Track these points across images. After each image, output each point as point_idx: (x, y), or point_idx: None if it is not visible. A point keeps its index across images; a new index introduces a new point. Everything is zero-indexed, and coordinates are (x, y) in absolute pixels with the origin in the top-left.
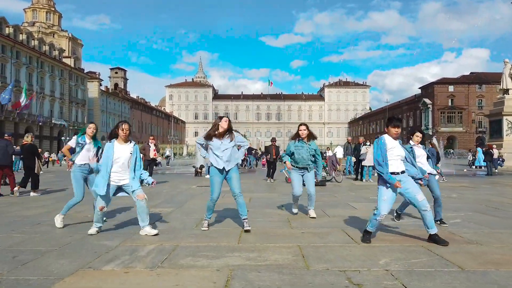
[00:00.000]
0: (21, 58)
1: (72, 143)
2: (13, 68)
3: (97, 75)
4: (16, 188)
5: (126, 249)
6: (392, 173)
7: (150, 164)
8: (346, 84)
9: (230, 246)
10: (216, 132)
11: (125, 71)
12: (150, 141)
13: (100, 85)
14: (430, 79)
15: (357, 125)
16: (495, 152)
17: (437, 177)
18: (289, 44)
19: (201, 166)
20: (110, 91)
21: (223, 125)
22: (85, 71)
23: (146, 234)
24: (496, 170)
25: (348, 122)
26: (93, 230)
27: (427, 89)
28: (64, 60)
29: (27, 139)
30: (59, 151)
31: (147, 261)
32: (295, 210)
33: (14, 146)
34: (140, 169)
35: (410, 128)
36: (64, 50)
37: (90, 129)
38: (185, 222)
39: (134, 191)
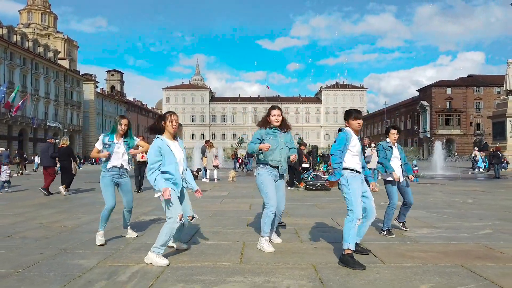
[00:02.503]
0: (15, 59)
1: (98, 144)
2: (7, 69)
3: (93, 77)
4: (61, 187)
5: (104, 271)
6: (351, 169)
7: (140, 168)
8: (343, 86)
9: (231, 266)
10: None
11: (121, 73)
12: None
13: (96, 87)
14: (426, 82)
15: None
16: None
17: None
18: (286, 47)
19: (198, 169)
20: (106, 93)
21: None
22: (81, 73)
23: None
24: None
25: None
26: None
27: (425, 92)
28: (59, 61)
29: (66, 142)
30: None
31: None
32: (270, 249)
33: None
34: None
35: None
36: (60, 51)
37: (122, 125)
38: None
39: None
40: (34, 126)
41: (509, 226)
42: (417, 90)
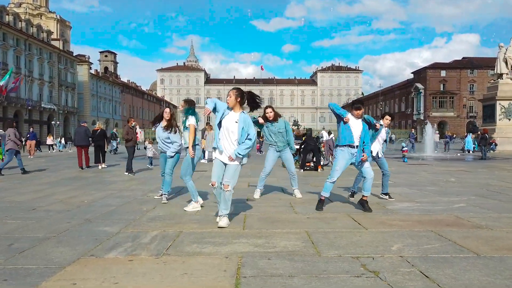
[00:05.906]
0: (8, 40)
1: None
2: (0, 50)
3: (86, 58)
4: (101, 166)
5: (128, 235)
6: (352, 146)
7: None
8: (339, 69)
9: (235, 232)
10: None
11: (115, 54)
12: (132, 123)
13: (90, 68)
14: (421, 64)
15: (350, 110)
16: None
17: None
18: (281, 29)
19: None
20: (100, 74)
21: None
22: (74, 54)
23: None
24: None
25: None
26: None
27: (420, 74)
28: (53, 42)
29: (101, 125)
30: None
31: (151, 248)
32: (256, 196)
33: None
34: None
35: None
36: (52, 32)
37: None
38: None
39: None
40: (29, 107)
41: (481, 200)
42: (412, 73)
